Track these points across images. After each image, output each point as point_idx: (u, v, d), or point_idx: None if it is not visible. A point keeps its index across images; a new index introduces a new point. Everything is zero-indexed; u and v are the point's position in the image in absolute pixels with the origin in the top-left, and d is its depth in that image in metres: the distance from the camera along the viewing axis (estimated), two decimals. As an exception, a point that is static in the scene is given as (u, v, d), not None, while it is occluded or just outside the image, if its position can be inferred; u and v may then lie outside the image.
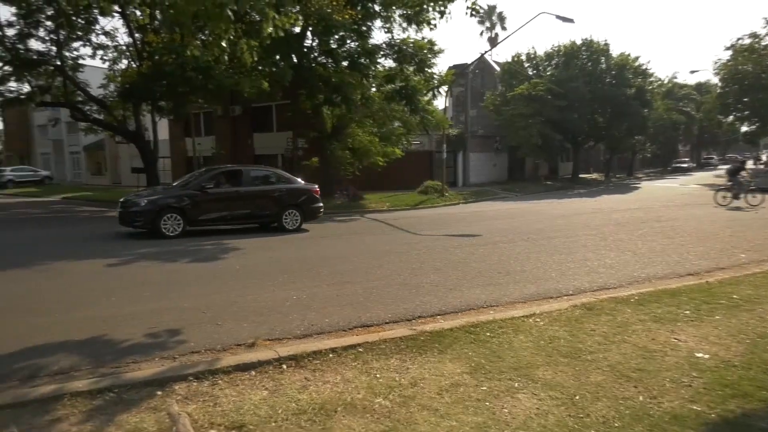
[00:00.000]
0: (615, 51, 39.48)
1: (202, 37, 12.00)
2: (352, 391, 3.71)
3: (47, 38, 23.55)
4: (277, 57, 19.48)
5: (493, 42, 58.01)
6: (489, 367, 4.10)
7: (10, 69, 23.38)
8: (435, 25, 21.14)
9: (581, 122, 36.83)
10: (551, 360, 4.24)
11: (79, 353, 4.62)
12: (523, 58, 39.52)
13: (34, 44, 23.52)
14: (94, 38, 24.66)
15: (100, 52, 25.47)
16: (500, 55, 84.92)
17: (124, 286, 7.39)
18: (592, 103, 36.47)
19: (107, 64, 26.40)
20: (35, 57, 23.43)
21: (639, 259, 8.95)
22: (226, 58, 7.79)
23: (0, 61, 23.24)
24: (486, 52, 39.32)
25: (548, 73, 37.81)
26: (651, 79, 40.63)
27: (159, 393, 3.71)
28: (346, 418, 3.33)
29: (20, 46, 22.93)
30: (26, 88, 25.01)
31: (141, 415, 3.38)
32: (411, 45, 22.08)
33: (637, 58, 38.55)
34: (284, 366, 4.19)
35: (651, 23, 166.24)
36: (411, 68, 22.69)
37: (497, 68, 41.97)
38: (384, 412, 3.40)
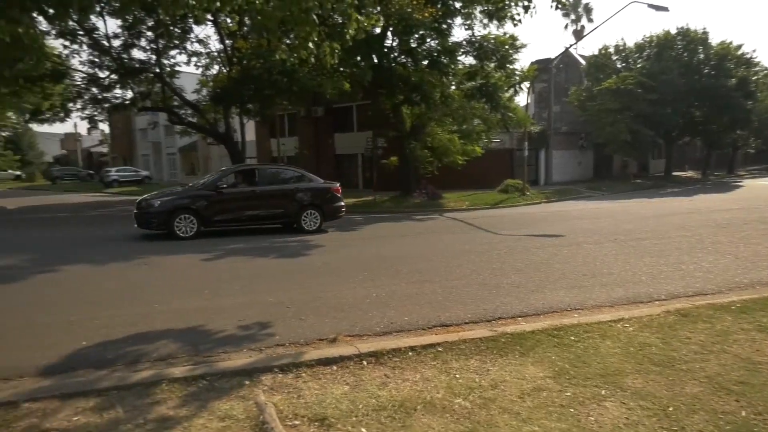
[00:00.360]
0: (714, 39, 36.67)
1: (287, 41, 12.43)
2: (431, 390, 3.71)
3: (148, 48, 25.38)
4: (358, 58, 19.79)
5: (579, 35, 55.70)
6: (573, 373, 3.96)
7: (116, 77, 25.45)
8: (519, 21, 20.55)
9: (675, 116, 34.54)
10: (641, 368, 4.03)
11: (176, 342, 4.95)
12: (611, 50, 37.65)
13: (136, 53, 25.47)
14: (189, 46, 26.31)
15: (194, 59, 27.22)
16: (586, 49, 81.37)
17: (217, 279, 7.82)
18: (687, 96, 34.11)
19: (200, 70, 28.10)
20: (137, 65, 25.37)
21: (741, 264, 8.27)
22: (313, 59, 8.02)
23: (107, 70, 25.38)
24: (571, 45, 37.88)
25: (639, 66, 35.79)
26: (756, 69, 37.37)
27: (247, 383, 3.90)
28: (425, 416, 3.34)
29: (124, 55, 24.91)
30: (129, 94, 27.11)
31: (231, 403, 3.57)
32: (492, 41, 21.70)
33: (739, 47, 35.63)
34: (364, 362, 4.27)
35: (757, 7, 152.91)
36: (492, 65, 22.32)
37: (583, 62, 40.28)
38: (464, 413, 3.38)
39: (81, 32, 23.24)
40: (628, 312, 5.58)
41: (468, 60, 22.83)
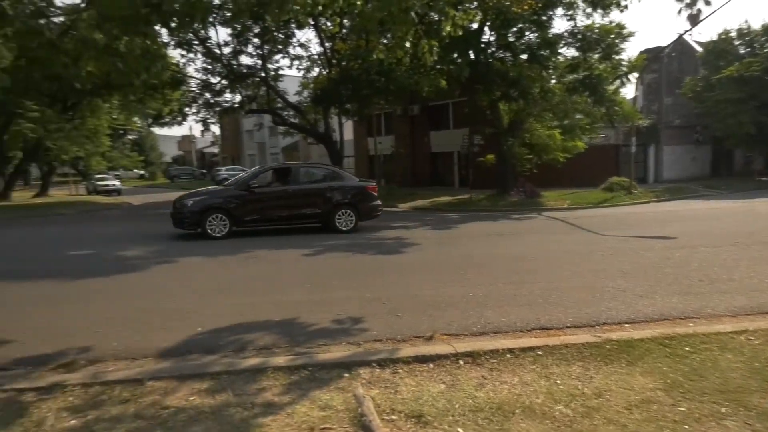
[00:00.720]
0: None
1: (384, 41, 12.63)
2: (530, 395, 3.61)
3: (254, 53, 26.90)
4: (455, 54, 19.62)
5: (695, 20, 51.16)
6: (688, 386, 3.67)
7: (226, 82, 27.22)
8: (626, 7, 19.24)
9: (812, 106, 30.82)
10: (769, 385, 3.65)
11: (278, 332, 5.20)
12: (733, 34, 34.31)
13: (244, 60, 27.09)
14: (291, 50, 27.57)
15: (296, 63, 28.49)
16: (703, 34, 74.89)
17: (317, 274, 8.13)
18: (828, 82, 30.28)
19: (302, 72, 29.33)
20: (245, 71, 26.99)
21: None
22: (408, 59, 8.12)
23: (218, 75, 27.20)
24: (685, 31, 35.14)
25: (766, 50, 32.36)
26: None
27: (346, 375, 4.02)
28: (524, 421, 3.25)
29: (234, 62, 26.58)
30: (238, 98, 28.92)
31: (331, 394, 3.69)
32: (596, 31, 20.60)
33: None
34: (461, 362, 4.24)
35: None
36: (596, 56, 21.19)
37: (699, 49, 37.12)
38: (565, 420, 3.25)
39: (196, 42, 25.09)
40: (753, 323, 5.08)
41: (570, 52, 21.86)
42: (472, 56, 20.33)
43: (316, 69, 29.03)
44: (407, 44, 6.54)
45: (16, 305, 6.58)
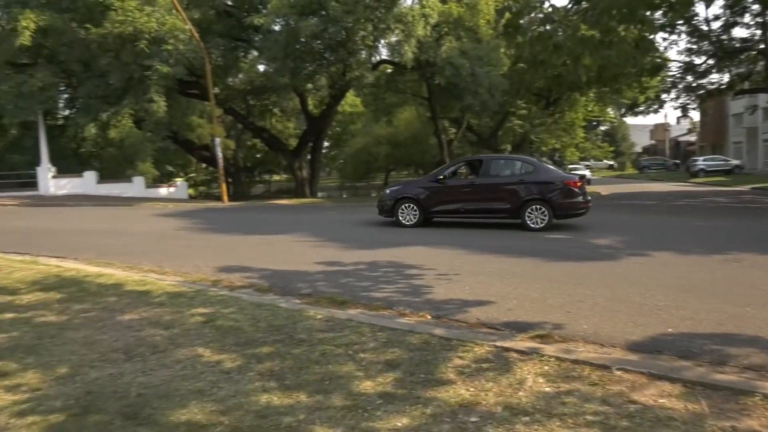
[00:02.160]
0: None
1: None
2: None
3: (752, 23, 23.02)
4: None
5: None
6: None
7: (713, 62, 24.36)
8: None
9: None
10: None
11: (769, 353, 4.39)
12: None
13: (737, 32, 23.69)
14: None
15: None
16: None
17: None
18: None
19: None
20: (737, 45, 23.47)
21: None
22: None
23: (704, 55, 24.60)
24: None
25: None
26: None
27: None
28: None
29: (724, 37, 23.49)
30: (726, 78, 25.50)
31: None
32: None
33: None
34: None
35: None
36: None
37: None
38: None
39: (680, 22, 23.31)
40: None
41: None
42: None
43: None
44: None
45: (465, 275, 7.74)
